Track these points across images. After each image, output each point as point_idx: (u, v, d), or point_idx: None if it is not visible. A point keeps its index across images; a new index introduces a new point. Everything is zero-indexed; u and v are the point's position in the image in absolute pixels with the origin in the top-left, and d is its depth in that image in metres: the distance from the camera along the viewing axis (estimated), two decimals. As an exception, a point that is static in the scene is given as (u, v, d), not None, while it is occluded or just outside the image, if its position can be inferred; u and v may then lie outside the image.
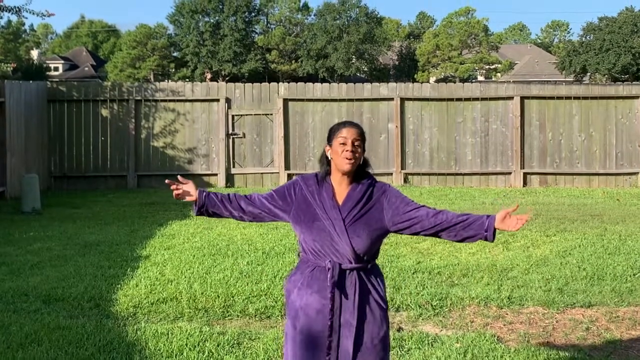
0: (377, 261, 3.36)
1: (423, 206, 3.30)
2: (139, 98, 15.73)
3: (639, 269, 7.26)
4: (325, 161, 3.32)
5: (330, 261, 3.17)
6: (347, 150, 3.20)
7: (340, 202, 3.25)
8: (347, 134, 3.22)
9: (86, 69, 72.65)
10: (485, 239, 3.22)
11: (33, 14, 14.17)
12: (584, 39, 57.67)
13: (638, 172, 15.64)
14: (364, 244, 3.19)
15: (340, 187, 3.28)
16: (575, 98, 15.90)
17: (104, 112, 15.68)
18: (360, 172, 3.30)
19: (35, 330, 5.28)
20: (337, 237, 3.18)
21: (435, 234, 3.29)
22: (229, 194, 3.46)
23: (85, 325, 5.41)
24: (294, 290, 3.27)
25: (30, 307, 6.01)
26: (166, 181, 3.45)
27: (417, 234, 3.31)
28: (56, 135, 15.53)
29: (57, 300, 6.24)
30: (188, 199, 3.40)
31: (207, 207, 3.41)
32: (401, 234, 3.34)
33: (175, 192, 3.38)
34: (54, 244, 8.76)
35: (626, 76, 52.48)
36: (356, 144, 3.23)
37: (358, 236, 3.18)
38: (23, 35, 73.10)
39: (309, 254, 3.25)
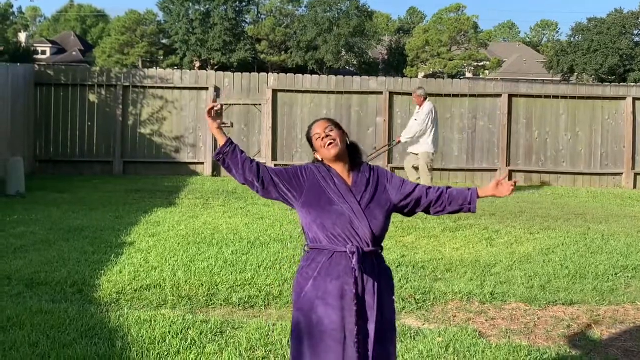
0: None
1: (417, 185, 3.45)
2: (127, 84, 15.64)
3: (621, 268, 7.33)
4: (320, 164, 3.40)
5: (352, 245, 3.20)
6: (322, 139, 3.32)
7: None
8: (318, 129, 3.36)
9: (74, 53, 72.05)
10: (469, 211, 3.43)
11: None
12: (572, 39, 57.94)
13: (622, 173, 15.76)
14: (381, 225, 3.30)
15: (344, 176, 3.35)
16: (562, 97, 16.00)
17: (92, 98, 15.59)
18: (355, 160, 3.39)
19: (17, 314, 5.25)
20: (357, 220, 3.23)
21: (426, 210, 3.47)
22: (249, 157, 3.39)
23: (68, 310, 5.39)
24: (309, 282, 3.23)
25: (13, 291, 5.98)
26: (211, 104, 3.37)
27: (413, 213, 3.48)
28: (42, 119, 15.43)
29: (40, 284, 6.22)
30: (218, 129, 3.35)
31: (229, 153, 3.32)
32: (399, 212, 3.46)
33: (215, 108, 3.31)
34: (38, 228, 8.71)
35: (613, 77, 52.81)
36: (328, 130, 3.33)
37: (375, 218, 3.28)
38: (11, 18, 72.31)
39: (324, 241, 3.23)
